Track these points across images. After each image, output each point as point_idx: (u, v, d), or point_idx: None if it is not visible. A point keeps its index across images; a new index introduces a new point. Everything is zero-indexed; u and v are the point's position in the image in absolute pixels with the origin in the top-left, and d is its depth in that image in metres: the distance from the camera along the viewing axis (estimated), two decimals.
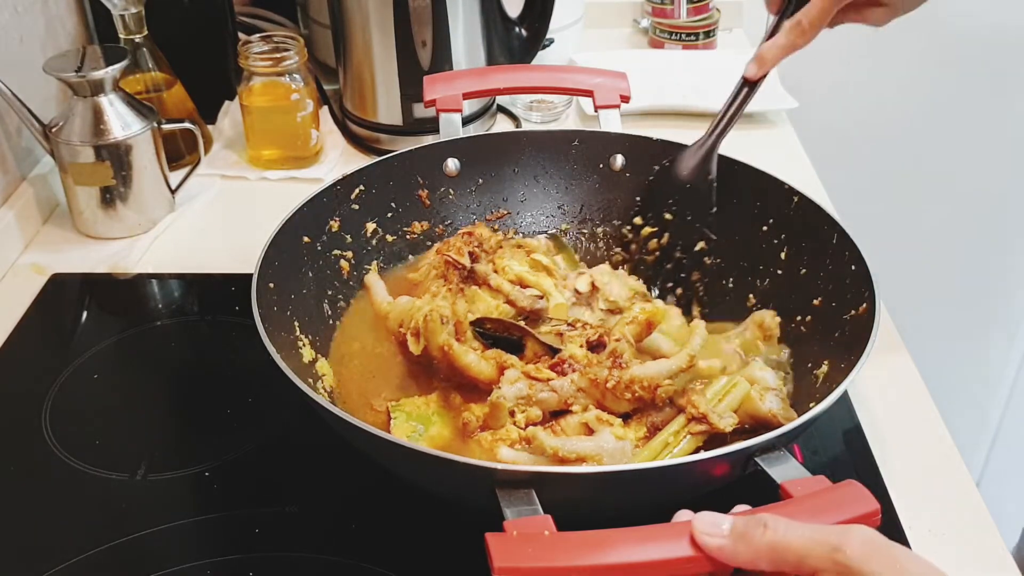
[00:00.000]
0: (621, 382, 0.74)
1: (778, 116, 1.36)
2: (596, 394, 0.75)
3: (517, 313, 0.86)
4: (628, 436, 0.71)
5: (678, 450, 0.71)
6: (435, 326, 0.78)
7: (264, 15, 1.47)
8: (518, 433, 0.71)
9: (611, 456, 0.69)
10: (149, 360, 0.96)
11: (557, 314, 0.86)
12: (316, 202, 0.89)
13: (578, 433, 0.72)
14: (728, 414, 0.72)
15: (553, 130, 1.03)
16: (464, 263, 0.90)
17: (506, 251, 0.94)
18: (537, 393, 0.75)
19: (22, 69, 1.12)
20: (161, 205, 1.15)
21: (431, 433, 0.76)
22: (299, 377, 0.68)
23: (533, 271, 0.91)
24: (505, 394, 0.74)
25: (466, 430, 0.74)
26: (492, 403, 0.73)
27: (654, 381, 0.74)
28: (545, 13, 1.29)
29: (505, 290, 0.87)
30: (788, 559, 0.49)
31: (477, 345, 0.80)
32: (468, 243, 0.93)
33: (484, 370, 0.77)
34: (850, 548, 0.47)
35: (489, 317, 0.84)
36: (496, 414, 0.72)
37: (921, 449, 0.83)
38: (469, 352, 0.78)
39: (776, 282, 0.90)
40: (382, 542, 0.75)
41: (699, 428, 0.72)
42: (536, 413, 0.73)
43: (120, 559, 0.74)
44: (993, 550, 0.74)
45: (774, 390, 0.76)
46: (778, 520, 0.50)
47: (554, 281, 0.90)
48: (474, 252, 0.91)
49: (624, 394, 0.74)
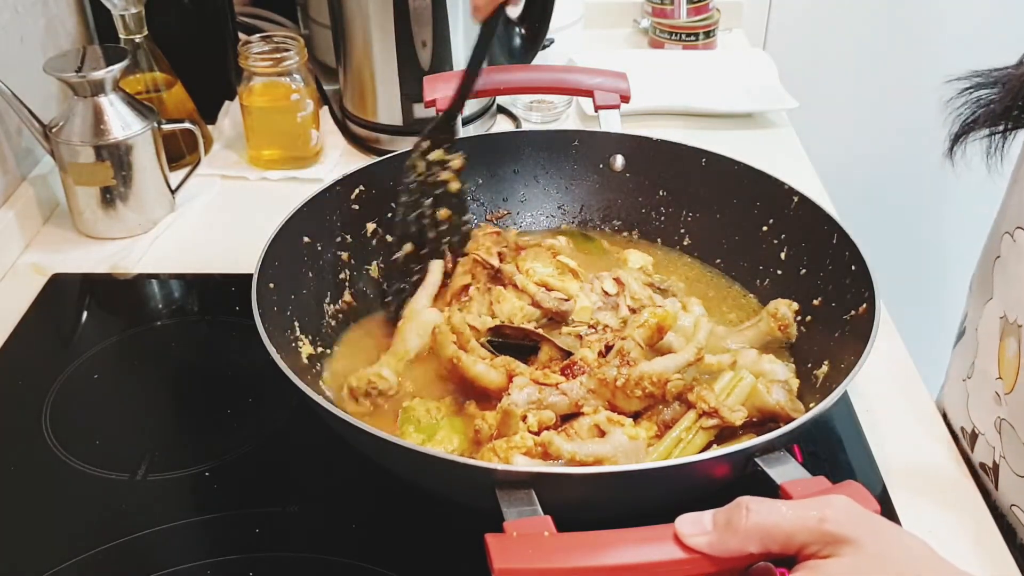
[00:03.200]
0: (631, 380, 0.74)
1: (778, 116, 1.36)
2: (606, 394, 0.75)
3: (543, 314, 0.86)
4: (640, 435, 0.71)
5: (690, 446, 0.71)
6: (444, 339, 0.79)
7: (264, 15, 1.47)
8: (533, 440, 0.70)
9: (626, 456, 0.69)
10: (149, 360, 0.96)
11: (581, 316, 0.86)
12: (316, 202, 0.89)
13: (591, 435, 0.72)
14: (738, 407, 0.72)
15: (553, 130, 1.03)
16: (493, 263, 0.90)
17: (529, 252, 0.94)
18: (547, 397, 0.75)
19: (22, 69, 1.12)
20: (161, 205, 1.15)
21: (438, 439, 0.76)
22: (299, 377, 0.68)
23: (560, 275, 0.91)
24: (515, 400, 0.74)
25: (478, 437, 0.74)
26: (503, 410, 0.73)
27: (663, 376, 0.74)
28: (545, 13, 1.29)
29: (531, 291, 0.87)
30: (776, 537, 0.50)
31: (485, 354, 0.80)
32: (497, 242, 0.93)
33: (494, 379, 0.77)
34: (833, 517, 0.49)
35: (507, 325, 0.84)
36: (508, 421, 0.72)
37: (921, 449, 0.83)
38: (478, 362, 0.78)
39: (776, 282, 0.90)
40: (382, 542, 0.75)
41: (710, 423, 0.72)
42: (548, 416, 0.73)
43: (120, 559, 0.74)
44: (993, 550, 0.74)
45: (781, 382, 0.76)
46: (759, 501, 0.51)
47: (580, 284, 0.90)
48: (502, 252, 0.92)
49: (635, 391, 0.74)
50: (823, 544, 0.49)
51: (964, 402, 0.84)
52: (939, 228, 2.01)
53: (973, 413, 0.83)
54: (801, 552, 0.50)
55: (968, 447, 0.84)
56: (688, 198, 0.97)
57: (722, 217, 0.95)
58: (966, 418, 0.84)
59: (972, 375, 0.84)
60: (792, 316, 0.84)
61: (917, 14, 1.79)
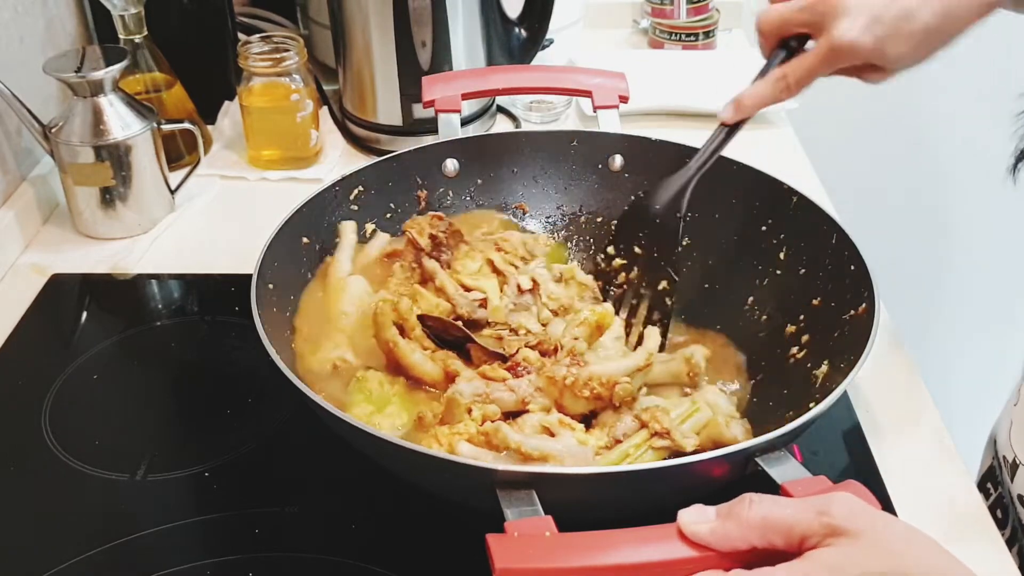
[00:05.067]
0: (579, 380, 0.74)
1: (778, 116, 1.36)
2: (554, 392, 0.75)
3: (456, 317, 0.85)
4: (589, 442, 0.71)
5: (639, 462, 0.71)
6: (384, 320, 0.78)
7: (264, 15, 1.47)
8: (476, 428, 0.70)
9: (573, 458, 0.69)
10: (149, 360, 0.96)
11: (495, 316, 0.86)
12: (315, 203, 0.89)
13: (536, 433, 0.72)
14: (691, 434, 0.72)
15: (551, 131, 1.03)
16: (423, 244, 0.88)
17: (476, 246, 0.93)
18: (494, 391, 0.75)
19: (22, 69, 1.12)
20: (161, 205, 1.15)
21: (387, 412, 0.76)
22: (299, 377, 0.68)
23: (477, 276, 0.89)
24: (462, 390, 0.74)
25: (422, 423, 0.74)
26: (448, 399, 0.73)
27: (612, 378, 0.74)
28: (545, 13, 1.29)
29: (449, 292, 0.86)
30: (779, 528, 0.50)
31: (429, 344, 0.80)
32: (434, 226, 0.91)
33: (429, 371, 0.77)
34: (835, 510, 0.50)
35: (430, 315, 0.83)
36: (452, 409, 0.72)
37: (921, 449, 0.83)
38: (416, 350, 0.77)
39: (775, 282, 0.90)
40: (382, 542, 0.75)
41: (661, 444, 0.71)
42: (493, 410, 0.73)
43: (120, 559, 0.74)
44: (993, 550, 0.74)
45: (736, 418, 0.76)
46: (762, 496, 0.52)
47: (500, 281, 0.89)
48: (437, 236, 0.90)
49: (583, 391, 0.74)
50: (823, 536, 0.49)
51: (1008, 429, 0.83)
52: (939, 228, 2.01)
53: (1015, 441, 0.82)
54: (803, 546, 0.50)
55: (1008, 476, 0.83)
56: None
57: (721, 217, 0.95)
58: (1008, 447, 0.83)
59: (1018, 401, 0.82)
60: (703, 366, 0.81)
61: None
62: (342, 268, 0.89)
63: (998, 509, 0.92)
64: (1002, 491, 0.93)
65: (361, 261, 0.91)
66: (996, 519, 0.77)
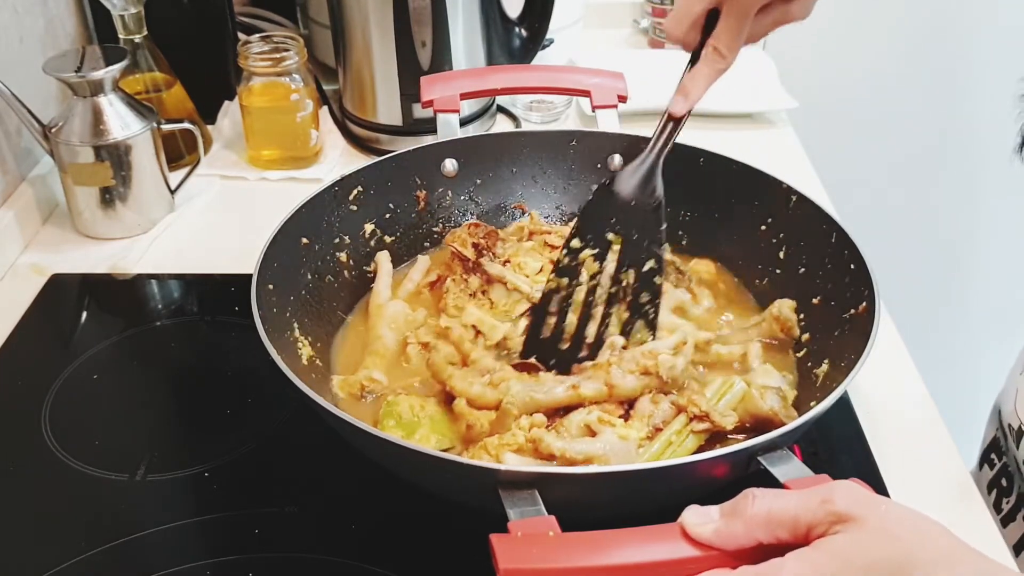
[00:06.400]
0: (624, 356, 0.77)
1: (778, 116, 1.36)
2: (603, 375, 0.76)
3: None
4: (631, 436, 0.71)
5: (681, 449, 0.72)
6: (441, 367, 0.79)
7: (264, 15, 1.47)
8: (524, 436, 0.71)
9: (617, 456, 0.69)
10: (149, 360, 0.96)
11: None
12: (315, 203, 0.89)
13: (580, 434, 0.72)
14: (728, 412, 0.73)
15: (550, 130, 1.03)
16: (468, 255, 0.89)
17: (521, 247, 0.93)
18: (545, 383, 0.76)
19: (22, 69, 1.12)
20: (161, 205, 1.15)
21: (416, 437, 0.75)
22: (299, 377, 0.68)
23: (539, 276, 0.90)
24: (513, 393, 0.74)
25: (471, 435, 0.74)
26: (501, 410, 0.73)
27: (654, 351, 0.76)
28: (545, 13, 1.29)
29: (524, 291, 0.87)
30: (784, 521, 0.50)
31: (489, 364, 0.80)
32: (473, 234, 0.92)
33: (490, 400, 0.77)
34: (838, 498, 0.50)
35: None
36: (503, 420, 0.73)
37: (921, 449, 0.84)
38: (474, 385, 0.77)
39: (775, 282, 0.90)
40: (382, 542, 0.75)
41: (701, 427, 0.72)
42: (540, 419, 0.73)
43: (120, 559, 0.74)
44: (993, 550, 0.74)
45: (775, 389, 0.76)
46: (764, 490, 0.52)
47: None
48: (479, 243, 0.91)
49: (628, 365, 0.76)
50: (830, 524, 0.49)
51: (1014, 398, 0.84)
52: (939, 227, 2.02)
53: (1022, 408, 0.82)
54: (809, 535, 0.50)
55: (1014, 443, 0.83)
56: (686, 197, 0.97)
57: (720, 216, 0.95)
58: (1014, 415, 0.83)
59: None
60: (794, 316, 0.84)
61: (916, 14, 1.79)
62: (381, 296, 0.90)
63: (1003, 478, 0.93)
64: (1006, 460, 0.93)
65: (406, 289, 0.92)
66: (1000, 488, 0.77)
